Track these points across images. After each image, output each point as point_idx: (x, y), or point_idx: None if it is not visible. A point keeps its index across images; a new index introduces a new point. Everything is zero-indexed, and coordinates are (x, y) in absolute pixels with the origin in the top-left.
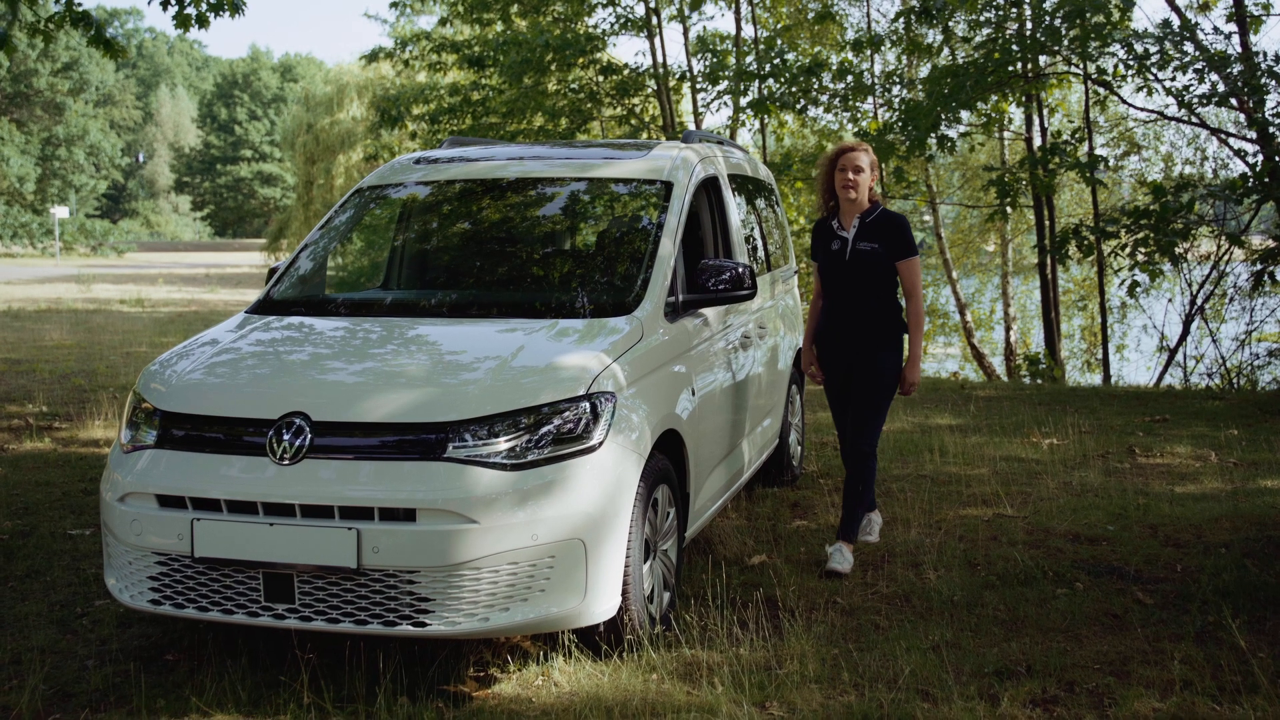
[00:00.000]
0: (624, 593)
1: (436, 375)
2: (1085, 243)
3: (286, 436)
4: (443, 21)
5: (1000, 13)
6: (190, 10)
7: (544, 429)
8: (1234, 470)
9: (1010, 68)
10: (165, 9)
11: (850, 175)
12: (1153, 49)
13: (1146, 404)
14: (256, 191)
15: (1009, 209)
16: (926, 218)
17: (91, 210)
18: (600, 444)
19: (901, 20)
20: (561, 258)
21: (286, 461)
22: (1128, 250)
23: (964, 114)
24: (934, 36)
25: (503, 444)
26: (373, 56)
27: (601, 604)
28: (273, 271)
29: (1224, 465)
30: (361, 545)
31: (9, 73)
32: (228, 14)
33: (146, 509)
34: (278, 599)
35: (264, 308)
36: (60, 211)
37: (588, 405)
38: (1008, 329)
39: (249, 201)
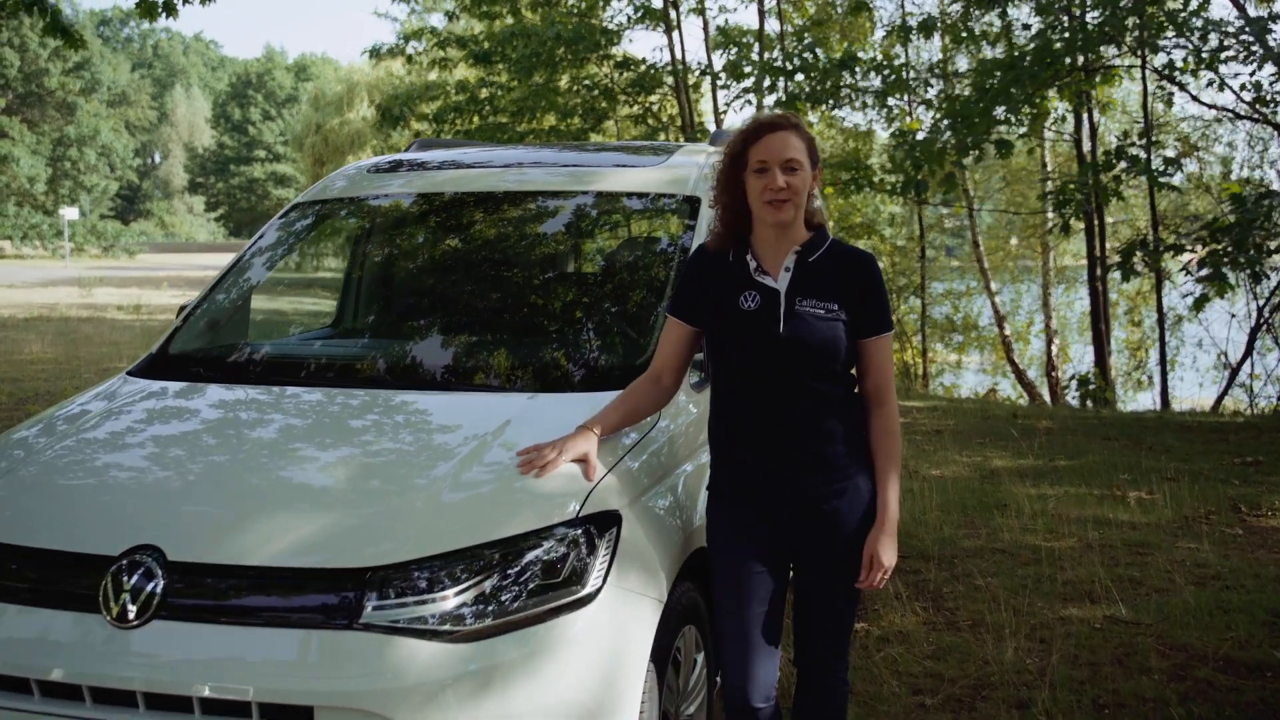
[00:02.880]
0: None
1: (360, 490)
2: (1155, 255)
3: (129, 584)
4: (449, 15)
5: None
6: None
7: (511, 574)
8: None
9: (1069, 59)
10: None
11: (778, 176)
12: (1230, 40)
13: (1225, 437)
14: (270, 192)
15: (1069, 223)
16: (950, 221)
17: (106, 211)
18: (597, 592)
19: (958, 4)
20: (551, 301)
21: (129, 622)
22: (1201, 266)
23: (1009, 114)
24: (990, 23)
25: (448, 601)
26: (374, 52)
27: None
28: (183, 310)
29: None
30: None
31: (20, 72)
32: (198, 1)
33: None
34: None
35: (153, 368)
36: (70, 213)
37: (580, 534)
38: (1049, 342)
39: (262, 203)
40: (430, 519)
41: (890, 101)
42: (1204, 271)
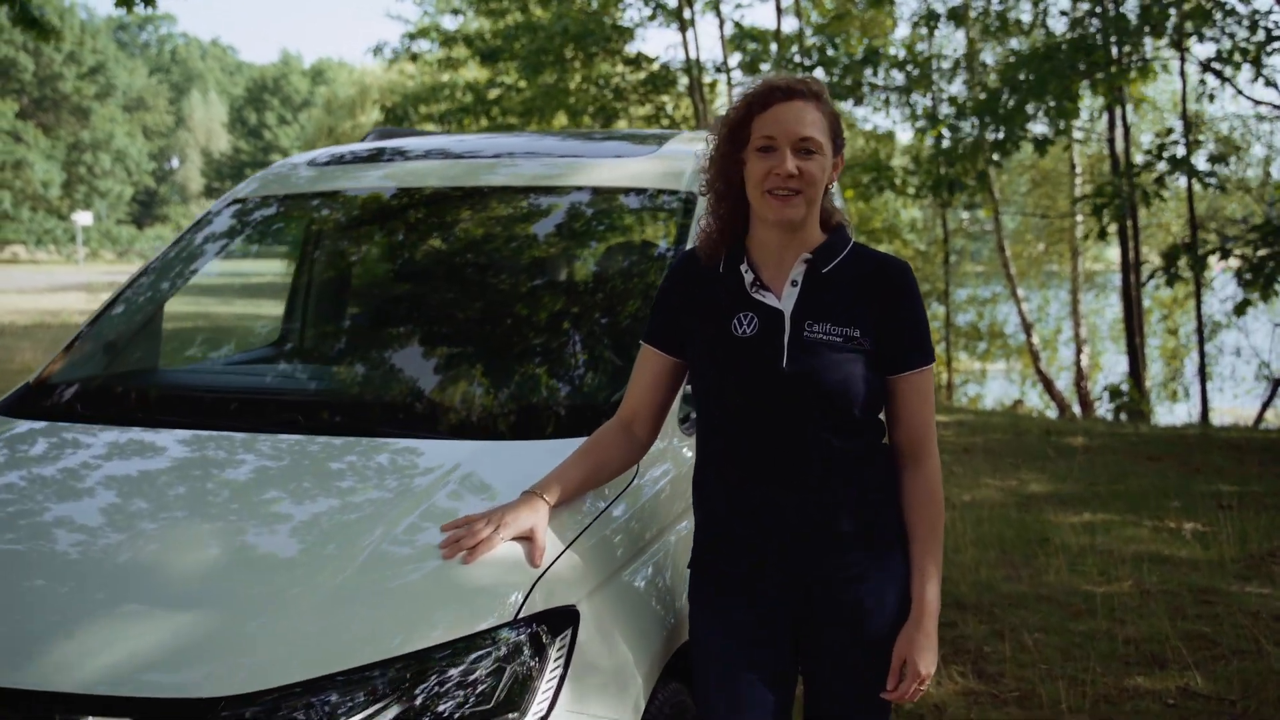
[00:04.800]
0: None
1: (229, 584)
2: (1200, 260)
3: None
4: (455, 11)
5: None
6: None
7: (425, 701)
8: None
9: (1107, 50)
10: None
11: (788, 159)
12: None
13: (1278, 457)
14: None
15: (1106, 228)
16: (971, 225)
17: (122, 216)
18: (545, 717)
19: None
20: (511, 324)
21: None
22: (1251, 270)
23: (1048, 109)
24: (1023, 10)
25: None
26: (378, 50)
27: None
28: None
29: None
30: None
31: (34, 76)
32: None
33: None
34: None
35: (23, 403)
36: (84, 218)
37: (522, 640)
38: (1078, 351)
39: None
40: (315, 626)
41: (914, 98)
42: (1248, 275)
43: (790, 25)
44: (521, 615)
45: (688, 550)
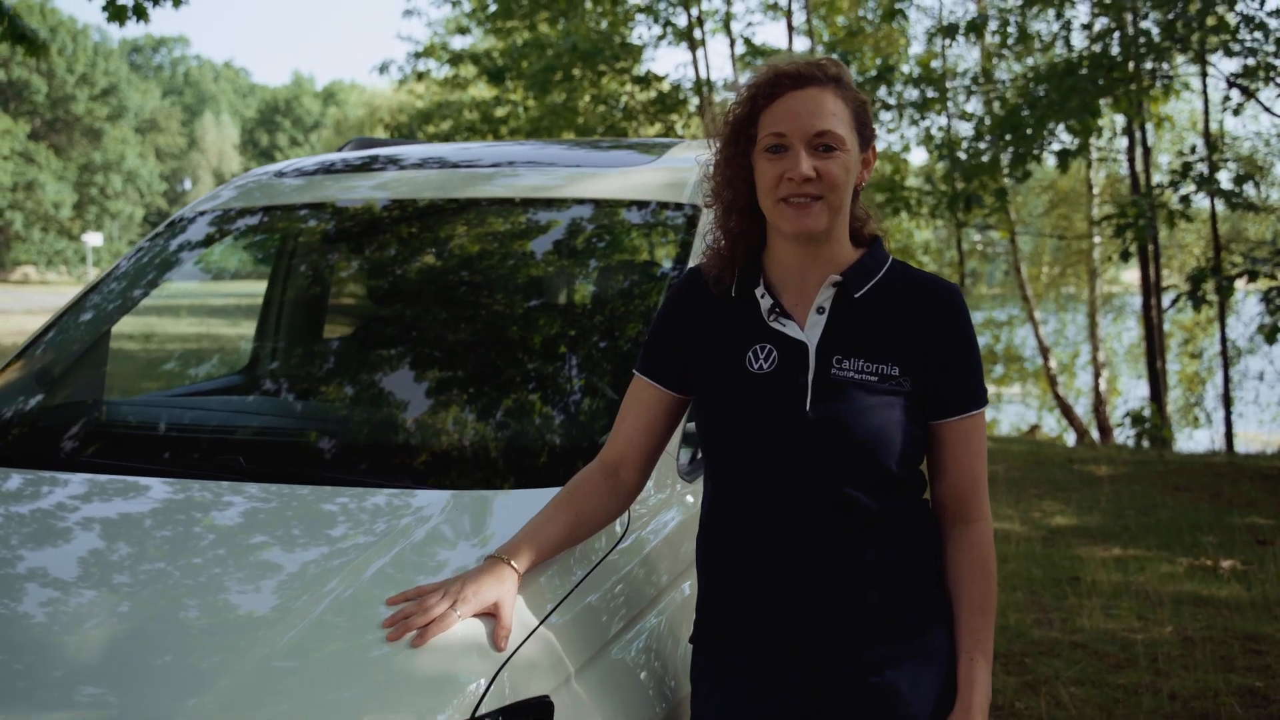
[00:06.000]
0: None
1: (121, 678)
2: (1228, 284)
3: None
4: (462, 30)
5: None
6: (125, 1)
7: None
8: None
9: (1130, 65)
10: None
11: (802, 159)
12: None
13: None
14: None
15: (1129, 250)
16: (983, 245)
17: (134, 237)
18: None
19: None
20: (495, 352)
21: None
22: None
23: (1070, 125)
24: (1047, 22)
25: None
26: (383, 69)
27: None
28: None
29: None
30: None
31: (47, 98)
32: (170, 4)
33: None
34: None
35: None
36: (94, 239)
37: None
38: (1096, 375)
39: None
40: None
41: (929, 118)
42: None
43: (802, 44)
44: (483, 711)
45: (688, 620)
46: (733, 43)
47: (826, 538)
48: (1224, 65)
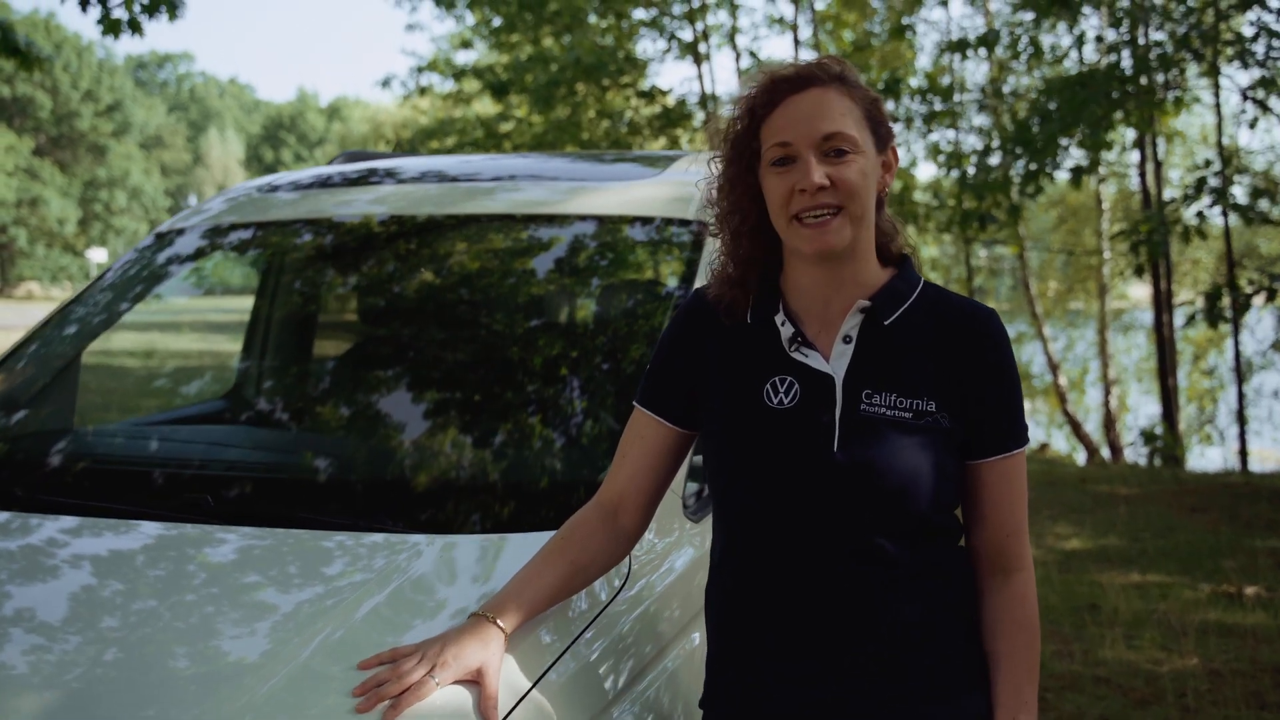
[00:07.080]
0: None
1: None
2: (1245, 300)
3: None
4: (465, 44)
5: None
6: (120, 14)
7: None
8: None
9: (1143, 78)
10: (84, 10)
11: (813, 168)
12: None
13: None
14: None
15: (1143, 265)
16: (987, 261)
17: None
18: None
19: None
20: (481, 385)
21: None
22: None
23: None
24: (1059, 34)
25: None
26: (386, 83)
27: None
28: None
29: None
30: None
31: (51, 114)
32: (165, 16)
33: None
34: None
35: None
36: (98, 254)
37: None
38: (1107, 392)
39: None
40: None
41: (938, 130)
42: None
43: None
44: None
45: (697, 677)
46: (738, 57)
47: (855, 592)
48: (1238, 78)
